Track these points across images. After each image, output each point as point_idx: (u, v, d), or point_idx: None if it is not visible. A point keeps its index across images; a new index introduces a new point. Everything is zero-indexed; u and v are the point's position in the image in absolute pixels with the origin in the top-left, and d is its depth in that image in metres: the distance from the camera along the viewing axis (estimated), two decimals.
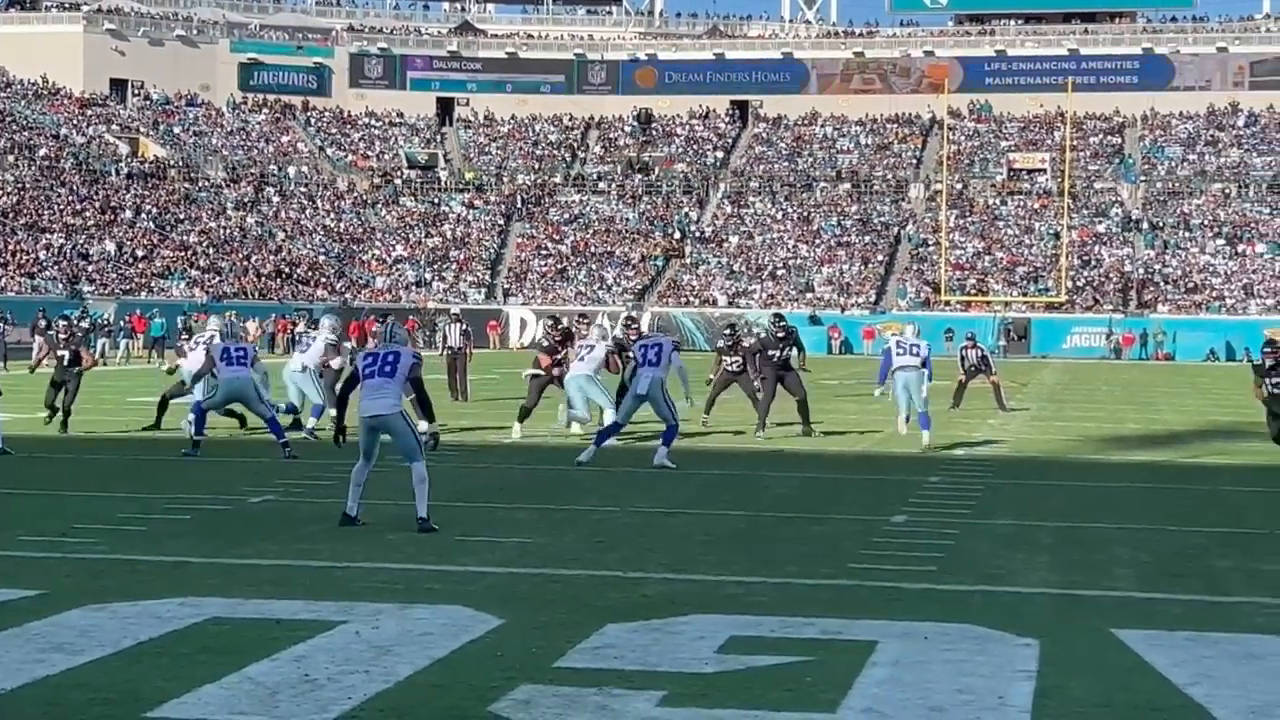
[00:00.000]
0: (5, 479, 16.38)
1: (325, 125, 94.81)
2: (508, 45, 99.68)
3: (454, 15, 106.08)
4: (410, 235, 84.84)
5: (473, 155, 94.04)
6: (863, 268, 79.71)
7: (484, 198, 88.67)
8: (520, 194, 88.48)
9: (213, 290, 71.08)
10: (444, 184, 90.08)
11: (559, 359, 23.21)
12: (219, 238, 78.03)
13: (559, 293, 78.83)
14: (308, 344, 23.04)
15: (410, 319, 61.07)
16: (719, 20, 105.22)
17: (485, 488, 16.25)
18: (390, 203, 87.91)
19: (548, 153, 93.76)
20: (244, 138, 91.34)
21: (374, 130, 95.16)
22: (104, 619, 9.02)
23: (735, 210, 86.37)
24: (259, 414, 19.64)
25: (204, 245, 76.37)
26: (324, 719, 6.94)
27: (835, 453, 20.76)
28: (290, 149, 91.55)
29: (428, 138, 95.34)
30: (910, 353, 21.76)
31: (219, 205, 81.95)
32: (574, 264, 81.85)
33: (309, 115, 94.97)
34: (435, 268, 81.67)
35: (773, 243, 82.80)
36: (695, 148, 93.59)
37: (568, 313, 74.20)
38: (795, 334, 25.13)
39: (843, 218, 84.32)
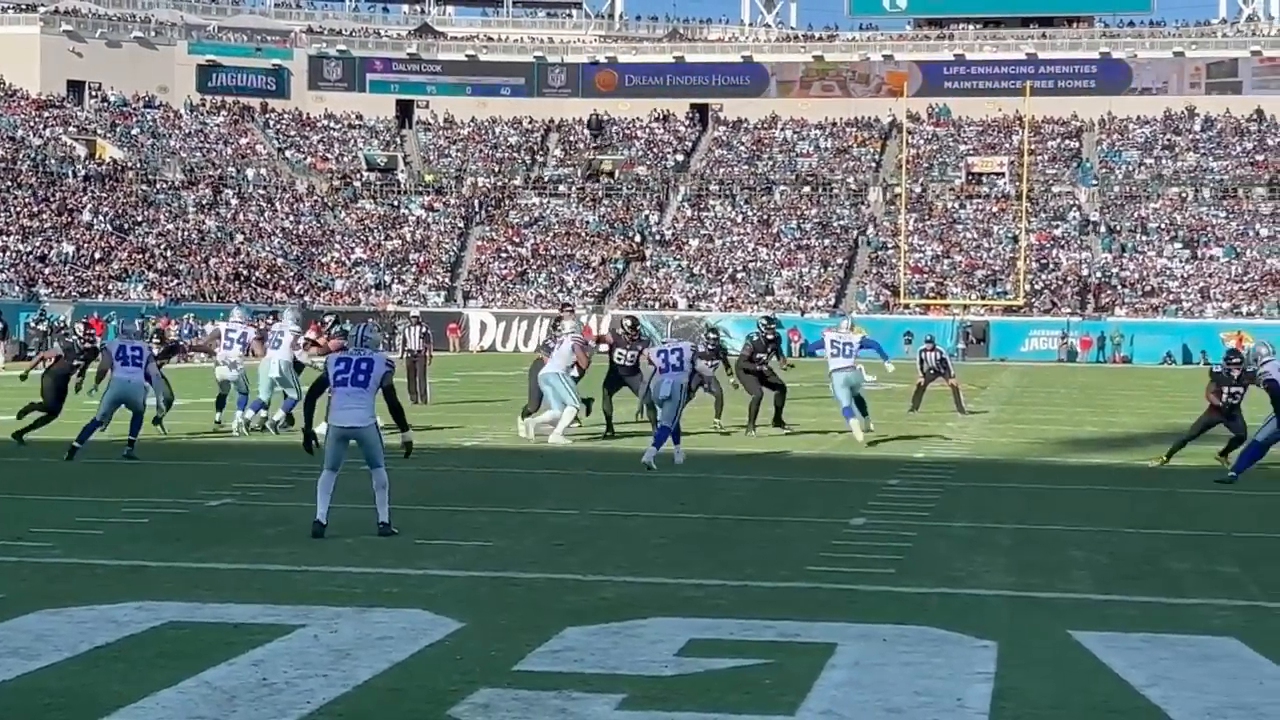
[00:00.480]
0: None
1: (284, 127, 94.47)
2: (467, 48, 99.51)
3: (413, 17, 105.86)
4: (370, 238, 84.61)
5: (432, 158, 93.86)
6: (822, 271, 79.87)
7: (444, 200, 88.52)
8: (480, 197, 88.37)
9: (171, 293, 70.74)
10: (403, 186, 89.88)
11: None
12: (177, 240, 77.65)
13: (519, 295, 78.76)
14: (277, 341, 22.86)
15: (369, 321, 60.91)
16: (679, 23, 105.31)
17: (444, 491, 16.22)
18: (349, 205, 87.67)
19: (508, 155, 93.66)
20: (202, 140, 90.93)
21: (333, 132, 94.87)
22: (60, 623, 8.98)
23: (695, 213, 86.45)
24: (137, 413, 19.33)
25: (162, 248, 75.99)
26: None
27: (795, 455, 20.80)
28: (249, 151, 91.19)
29: (387, 140, 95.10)
30: (844, 353, 21.74)
31: (177, 207, 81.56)
32: (534, 267, 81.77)
33: (268, 117, 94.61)
34: (395, 270, 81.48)
35: (733, 246, 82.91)
36: (655, 151, 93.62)
37: (529, 315, 74.40)
38: (779, 339, 25.58)
39: (802, 221, 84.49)
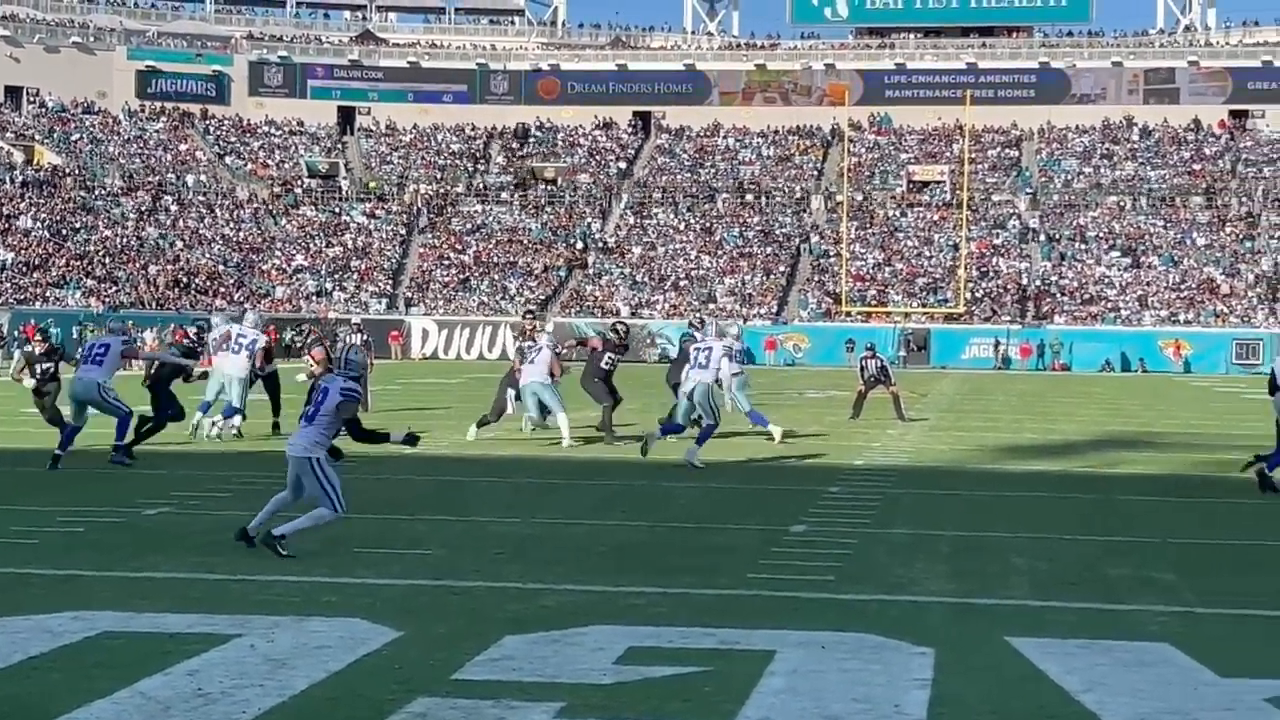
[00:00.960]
0: None
1: (224, 134, 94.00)
2: (409, 54, 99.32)
3: (355, 24, 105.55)
4: (311, 245, 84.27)
5: (374, 164, 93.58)
6: (765, 278, 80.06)
7: (385, 207, 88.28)
8: (422, 204, 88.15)
9: (109, 300, 70.25)
10: (345, 193, 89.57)
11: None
12: (115, 247, 77.14)
13: (461, 303, 78.60)
14: (239, 346, 23.18)
15: (310, 329, 60.63)
16: (621, 31, 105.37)
17: (384, 499, 16.15)
18: (290, 212, 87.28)
19: (450, 162, 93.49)
20: (141, 146, 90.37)
21: (274, 139, 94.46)
22: None
23: (638, 221, 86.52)
24: (113, 416, 19.36)
25: (100, 254, 75.46)
26: None
27: (736, 463, 20.81)
28: (188, 157, 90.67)
29: (328, 147, 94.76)
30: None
31: (116, 214, 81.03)
32: (476, 274, 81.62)
33: (208, 123, 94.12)
34: (336, 277, 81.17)
35: (675, 253, 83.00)
36: (598, 158, 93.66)
37: (471, 322, 74.27)
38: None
39: (745, 229, 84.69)
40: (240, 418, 23.09)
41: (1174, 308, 75.24)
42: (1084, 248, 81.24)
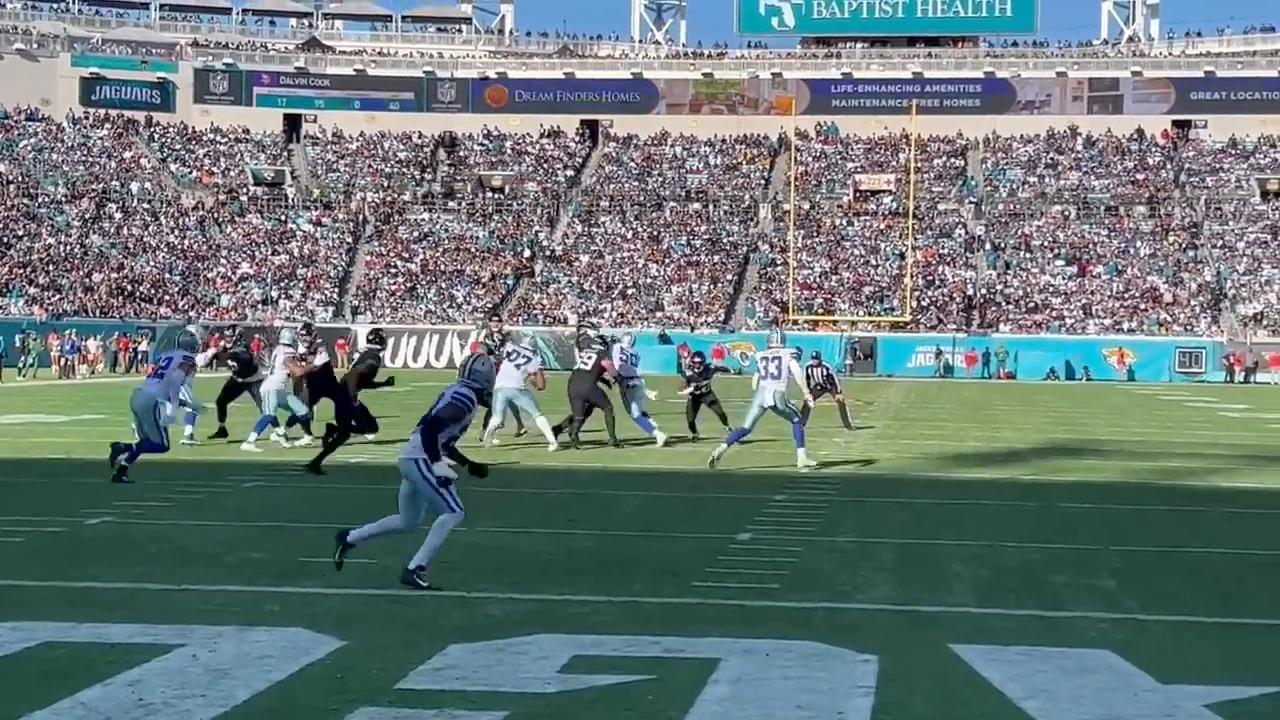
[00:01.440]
0: None
1: (169, 141, 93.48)
2: (356, 62, 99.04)
3: (301, 31, 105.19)
4: (256, 252, 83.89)
5: (321, 172, 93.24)
6: (712, 287, 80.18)
7: (332, 215, 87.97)
8: (369, 211, 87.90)
9: (52, 308, 69.73)
10: (291, 201, 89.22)
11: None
12: (59, 254, 76.59)
13: (408, 311, 78.40)
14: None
15: (256, 338, 60.37)
16: (569, 40, 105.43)
17: (330, 508, 16.07)
18: (236, 220, 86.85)
19: (397, 170, 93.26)
20: (86, 153, 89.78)
21: (219, 146, 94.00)
22: None
23: (585, 229, 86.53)
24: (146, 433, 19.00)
25: (44, 262, 74.88)
26: None
27: (681, 471, 20.83)
28: (133, 165, 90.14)
29: (274, 154, 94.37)
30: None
31: (60, 222, 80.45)
32: (423, 282, 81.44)
33: (153, 131, 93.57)
34: (282, 285, 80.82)
35: (623, 261, 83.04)
36: (545, 166, 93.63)
37: (418, 330, 74.09)
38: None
39: (692, 237, 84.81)
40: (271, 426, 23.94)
41: (1118, 316, 75.76)
42: (1029, 256, 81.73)
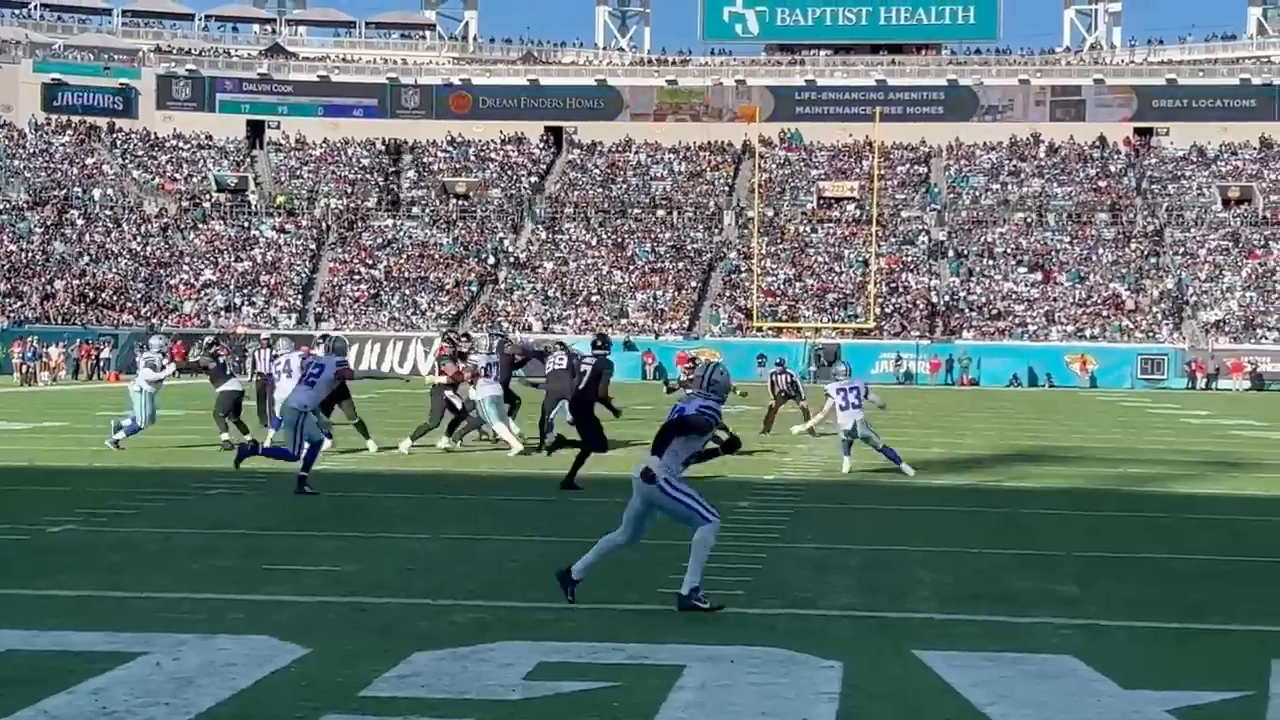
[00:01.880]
0: None
1: (132, 147, 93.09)
2: (319, 68, 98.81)
3: (264, 37, 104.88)
4: (219, 259, 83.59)
5: (284, 178, 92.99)
6: (676, 294, 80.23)
7: (295, 221, 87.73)
8: (332, 218, 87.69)
9: (14, 315, 69.36)
10: (254, 207, 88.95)
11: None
12: (21, 261, 76.19)
13: (372, 318, 78.24)
14: (288, 370, 23.57)
15: (221, 344, 60.15)
16: (533, 46, 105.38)
17: (293, 515, 16.06)
18: (199, 226, 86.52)
19: (360, 176, 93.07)
20: (47, 159, 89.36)
21: (182, 153, 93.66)
22: None
23: (550, 236, 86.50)
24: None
25: (5, 269, 74.48)
26: None
27: None
28: (95, 171, 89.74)
29: (237, 160, 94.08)
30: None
31: (21, 228, 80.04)
32: (387, 289, 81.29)
33: (115, 137, 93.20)
34: (245, 292, 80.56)
35: (587, 268, 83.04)
36: (510, 173, 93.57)
37: (382, 337, 73.91)
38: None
39: (656, 244, 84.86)
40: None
41: (1080, 323, 76.09)
42: (992, 264, 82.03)
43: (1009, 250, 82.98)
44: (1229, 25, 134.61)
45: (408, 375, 24.48)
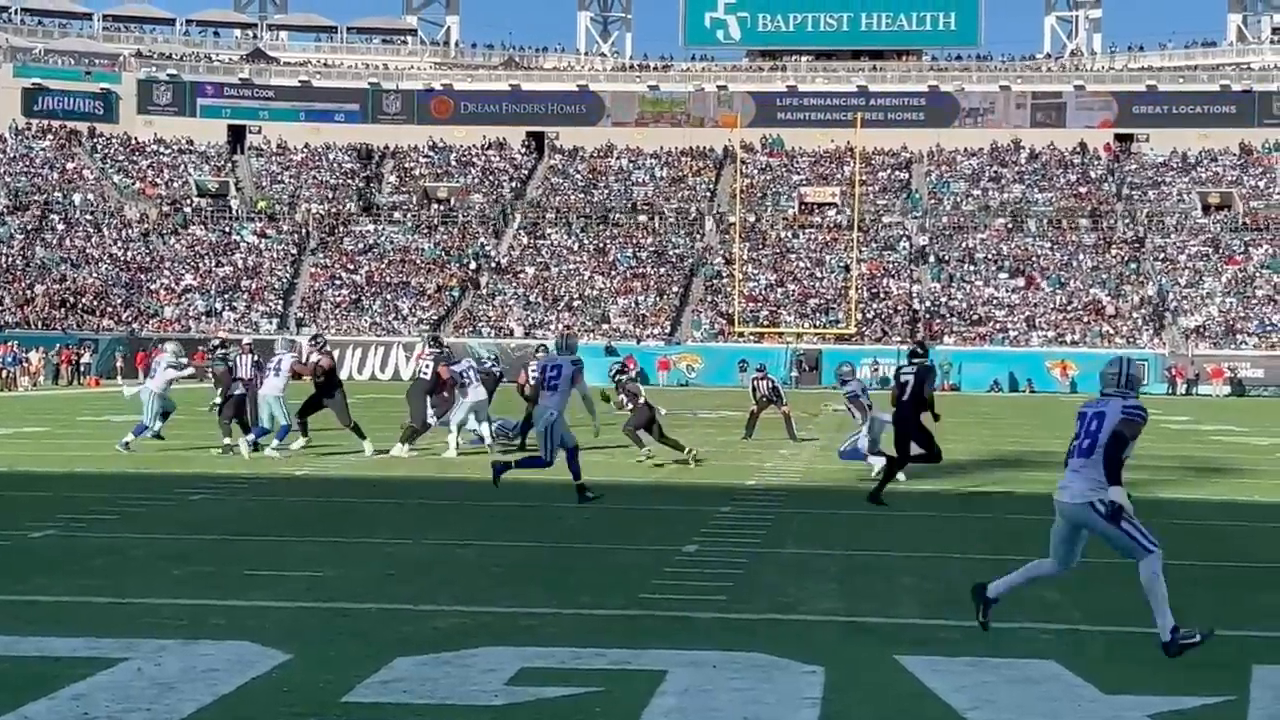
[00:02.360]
0: None
1: (112, 152, 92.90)
2: (301, 73, 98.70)
3: (246, 42, 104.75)
4: (200, 264, 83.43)
5: (265, 184, 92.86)
6: (658, 299, 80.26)
7: (276, 226, 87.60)
8: (313, 223, 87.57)
9: None
10: (235, 212, 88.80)
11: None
12: (1, 266, 75.96)
13: (353, 323, 78.13)
14: (276, 370, 24.25)
15: (200, 351, 60.05)
16: (514, 52, 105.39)
17: (275, 520, 16.03)
18: (179, 231, 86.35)
19: (342, 182, 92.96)
20: (28, 164, 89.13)
21: (163, 158, 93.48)
22: None
23: (531, 241, 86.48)
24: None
25: None
26: None
27: (628, 483, 20.84)
28: (76, 176, 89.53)
29: (218, 165, 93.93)
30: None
31: (1, 233, 79.79)
32: (368, 294, 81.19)
33: (95, 142, 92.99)
34: (226, 297, 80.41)
35: (569, 274, 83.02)
36: (491, 178, 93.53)
37: (363, 343, 73.84)
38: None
39: (638, 249, 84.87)
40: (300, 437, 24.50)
41: (1061, 329, 76.26)
42: (973, 269, 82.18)
43: (990, 256, 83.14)
44: (1209, 32, 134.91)
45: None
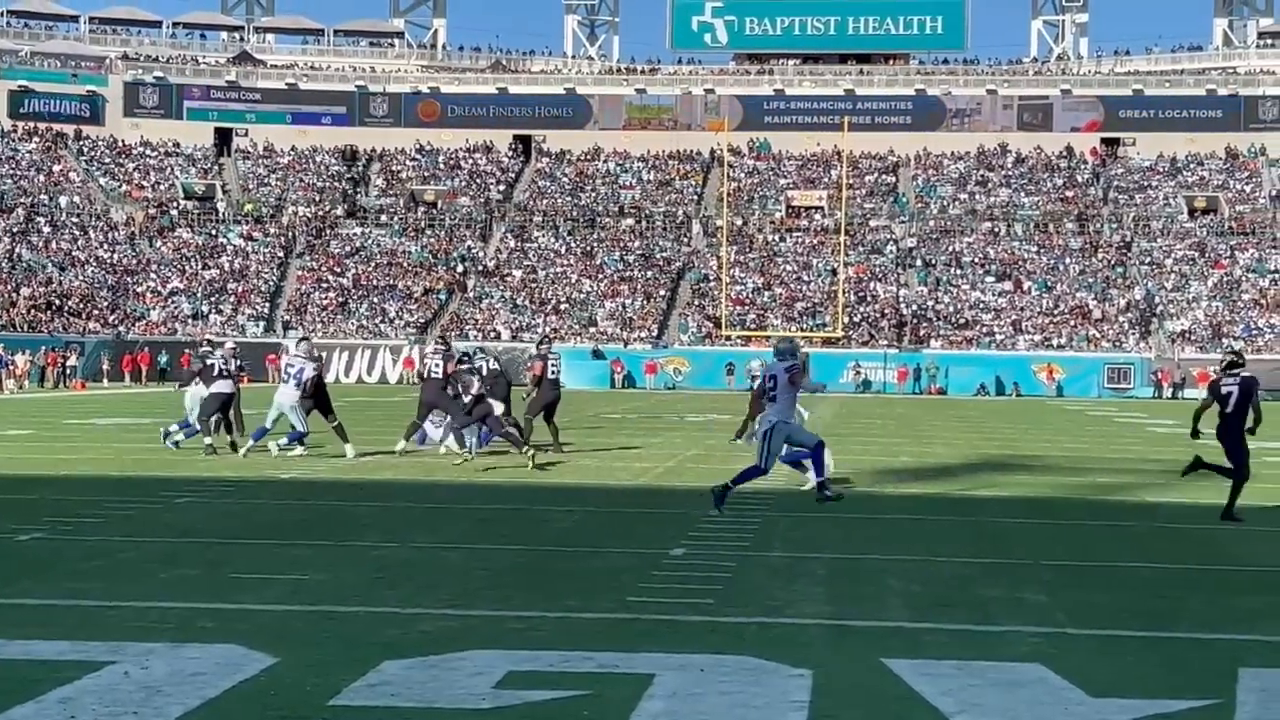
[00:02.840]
0: None
1: (99, 155, 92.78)
2: (288, 76, 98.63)
3: (232, 45, 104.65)
4: (186, 267, 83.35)
5: (251, 186, 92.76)
6: (645, 302, 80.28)
7: (263, 229, 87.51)
8: (300, 226, 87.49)
9: None
10: (222, 215, 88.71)
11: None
12: None
13: (340, 326, 78.07)
14: (288, 374, 24.64)
15: (185, 353, 59.94)
16: (501, 55, 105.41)
17: (261, 523, 16.00)
18: (166, 234, 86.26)
19: (328, 184, 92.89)
20: (14, 167, 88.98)
21: (149, 160, 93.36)
22: None
23: (519, 244, 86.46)
24: None
25: None
26: None
27: (615, 486, 20.84)
28: (62, 178, 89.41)
29: (205, 168, 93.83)
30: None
31: None
32: (355, 297, 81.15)
33: (82, 144, 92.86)
34: (213, 300, 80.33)
35: (556, 277, 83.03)
36: (478, 181, 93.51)
37: (350, 345, 73.75)
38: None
39: (625, 252, 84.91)
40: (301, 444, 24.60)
41: (1047, 333, 76.37)
42: (959, 273, 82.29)
43: (976, 260, 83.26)
44: (1195, 36, 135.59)
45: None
